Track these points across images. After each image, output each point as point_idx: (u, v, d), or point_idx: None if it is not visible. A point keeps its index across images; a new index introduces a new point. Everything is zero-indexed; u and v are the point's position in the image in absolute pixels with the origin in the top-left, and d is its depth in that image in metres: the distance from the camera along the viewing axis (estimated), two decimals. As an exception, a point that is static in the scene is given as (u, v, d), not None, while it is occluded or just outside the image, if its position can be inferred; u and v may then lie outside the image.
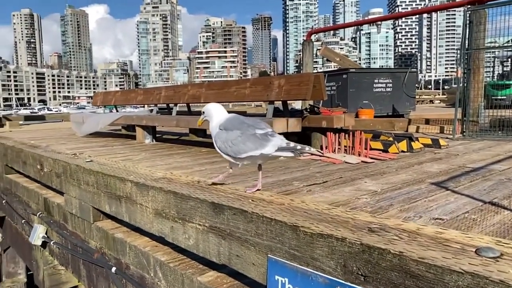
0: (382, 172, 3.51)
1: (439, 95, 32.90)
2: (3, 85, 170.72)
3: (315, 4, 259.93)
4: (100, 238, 2.17)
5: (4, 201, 3.97)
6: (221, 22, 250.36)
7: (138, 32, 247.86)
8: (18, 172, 3.59)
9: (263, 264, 1.19)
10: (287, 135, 5.43)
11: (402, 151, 4.55)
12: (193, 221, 1.48)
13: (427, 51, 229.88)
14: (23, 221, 3.41)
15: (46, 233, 2.91)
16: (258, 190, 1.83)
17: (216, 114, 1.83)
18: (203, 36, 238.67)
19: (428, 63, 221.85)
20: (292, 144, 1.69)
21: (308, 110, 5.26)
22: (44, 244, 2.91)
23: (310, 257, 1.06)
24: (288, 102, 5.05)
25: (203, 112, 1.90)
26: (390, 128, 7.17)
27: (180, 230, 1.56)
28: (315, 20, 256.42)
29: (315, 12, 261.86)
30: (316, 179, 3.26)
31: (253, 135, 1.68)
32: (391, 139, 4.77)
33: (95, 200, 2.14)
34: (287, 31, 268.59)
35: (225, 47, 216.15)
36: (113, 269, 2.00)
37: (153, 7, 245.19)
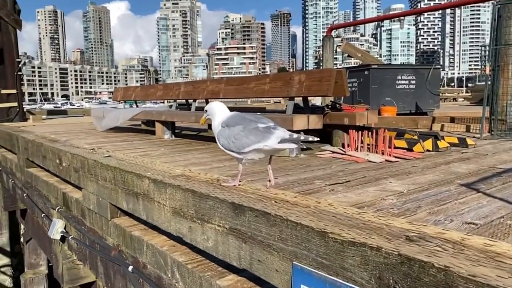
0: (407, 171, 3.38)
1: (462, 92, 32.06)
2: (28, 80, 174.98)
3: (335, 0, 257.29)
4: (118, 235, 2.12)
5: (25, 194, 4.00)
6: (240, 18, 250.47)
7: (158, 29, 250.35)
8: (38, 166, 3.60)
9: (288, 271, 1.10)
10: (307, 132, 5.33)
11: (428, 150, 4.39)
12: (212, 222, 1.40)
13: (450, 47, 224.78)
14: (42, 215, 3.42)
15: (64, 228, 2.89)
16: (271, 185, 1.79)
17: (218, 112, 1.83)
18: (222, 32, 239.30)
19: (451, 60, 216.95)
20: (295, 135, 1.67)
21: (330, 106, 5.13)
22: (63, 239, 2.90)
23: (340, 267, 0.96)
24: (308, 98, 4.94)
25: (206, 111, 1.90)
26: (413, 126, 6.98)
27: (198, 230, 1.48)
28: (335, 16, 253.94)
29: (335, 8, 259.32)
30: (338, 178, 3.15)
31: (255, 129, 1.67)
32: (415, 137, 4.60)
33: (112, 196, 2.09)
34: (307, 27, 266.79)
35: (244, 44, 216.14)
36: (130, 268, 1.95)
37: (173, 4, 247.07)
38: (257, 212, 1.22)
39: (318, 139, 1.93)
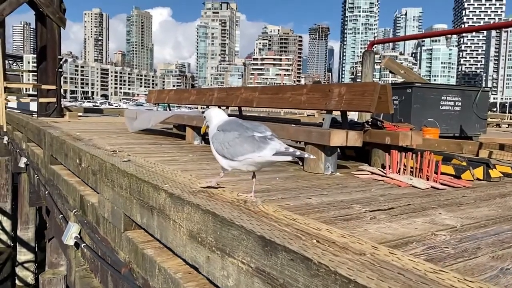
0: (458, 202, 3.01)
1: (506, 118, 30.56)
2: (71, 79, 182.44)
3: (375, 16, 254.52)
4: (129, 251, 1.88)
5: (47, 192, 3.88)
6: (279, 30, 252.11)
7: (197, 36, 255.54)
8: (61, 163, 3.47)
9: None
10: (343, 149, 4.98)
11: (478, 179, 3.97)
12: (234, 256, 1.12)
13: (494, 71, 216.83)
14: (60, 216, 3.25)
15: (79, 233, 2.70)
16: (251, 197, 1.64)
17: (215, 117, 1.79)
18: (260, 43, 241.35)
19: (494, 84, 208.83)
20: (291, 149, 1.57)
21: (370, 123, 4.78)
22: (76, 245, 2.71)
23: None
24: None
25: (205, 117, 1.85)
26: (457, 150, 6.49)
27: (217, 263, 1.21)
28: (374, 33, 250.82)
29: (375, 24, 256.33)
30: (380, 203, 2.82)
31: (251, 137, 1.58)
32: (464, 164, 4.19)
33: (127, 207, 1.85)
34: (345, 43, 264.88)
35: (280, 55, 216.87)
36: (139, 291, 1.72)
37: (213, 13, 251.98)
38: (293, 255, 0.93)
39: (314, 157, 1.90)
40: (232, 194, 1.46)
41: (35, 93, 12.71)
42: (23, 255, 8.03)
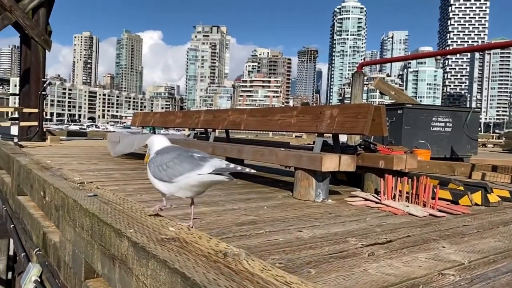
0: (460, 232, 2.77)
1: (492, 138, 30.86)
2: (58, 101, 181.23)
3: (363, 39, 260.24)
4: (90, 304, 1.59)
5: (12, 226, 3.52)
6: (268, 53, 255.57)
7: (187, 59, 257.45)
8: (27, 195, 3.16)
9: None
10: (334, 172, 4.74)
11: (476, 204, 3.77)
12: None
13: (477, 92, 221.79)
14: (23, 254, 2.91)
15: (40, 276, 2.36)
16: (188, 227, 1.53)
17: (157, 144, 1.72)
18: (249, 65, 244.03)
19: (478, 105, 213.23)
20: (232, 165, 1.53)
21: (362, 146, 4.58)
22: (36, 289, 2.38)
23: None
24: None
25: (147, 145, 1.76)
26: (449, 172, 6.33)
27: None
28: (361, 55, 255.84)
29: (362, 47, 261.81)
30: (377, 235, 2.58)
31: (190, 157, 1.56)
32: (461, 188, 3.99)
33: (88, 252, 1.57)
34: (333, 65, 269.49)
35: (269, 77, 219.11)
36: None
37: (204, 36, 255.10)
38: None
39: (255, 171, 1.71)
40: (210, 242, 1.20)
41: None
42: (-8, 289, 7.49)
